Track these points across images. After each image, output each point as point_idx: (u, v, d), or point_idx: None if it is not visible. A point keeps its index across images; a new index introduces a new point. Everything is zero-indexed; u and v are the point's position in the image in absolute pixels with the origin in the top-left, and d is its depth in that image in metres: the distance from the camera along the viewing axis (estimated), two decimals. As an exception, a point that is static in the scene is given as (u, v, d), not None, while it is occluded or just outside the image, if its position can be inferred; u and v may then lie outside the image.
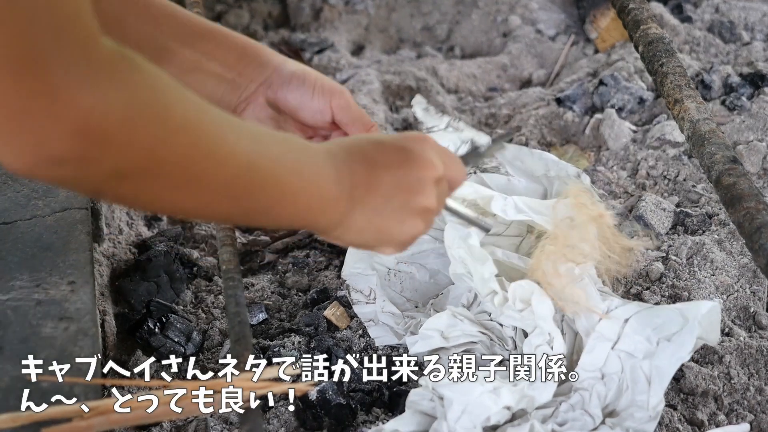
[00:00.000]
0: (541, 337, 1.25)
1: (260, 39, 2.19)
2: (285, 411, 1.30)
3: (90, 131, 0.76)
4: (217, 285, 1.54)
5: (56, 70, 0.74)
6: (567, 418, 1.21)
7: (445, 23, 2.23)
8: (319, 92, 1.21)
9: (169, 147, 0.81)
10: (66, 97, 0.74)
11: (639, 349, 1.23)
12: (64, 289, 1.25)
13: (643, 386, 1.22)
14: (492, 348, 1.31)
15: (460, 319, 1.30)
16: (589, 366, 1.24)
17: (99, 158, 0.77)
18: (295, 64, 1.23)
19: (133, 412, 1.03)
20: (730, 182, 1.26)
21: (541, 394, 1.20)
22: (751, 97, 1.84)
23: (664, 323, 1.23)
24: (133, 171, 0.80)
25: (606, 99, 1.85)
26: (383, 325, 1.39)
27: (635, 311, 1.25)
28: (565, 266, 1.27)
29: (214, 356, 1.42)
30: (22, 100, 0.74)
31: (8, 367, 1.14)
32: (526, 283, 1.26)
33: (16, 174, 0.78)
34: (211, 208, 0.90)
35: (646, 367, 1.22)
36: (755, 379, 1.35)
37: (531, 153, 1.49)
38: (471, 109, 1.95)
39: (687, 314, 1.23)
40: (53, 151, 0.76)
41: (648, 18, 1.58)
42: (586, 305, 1.25)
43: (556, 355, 1.23)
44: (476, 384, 1.17)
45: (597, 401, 1.22)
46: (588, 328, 1.26)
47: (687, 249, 1.53)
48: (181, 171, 0.83)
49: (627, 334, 1.24)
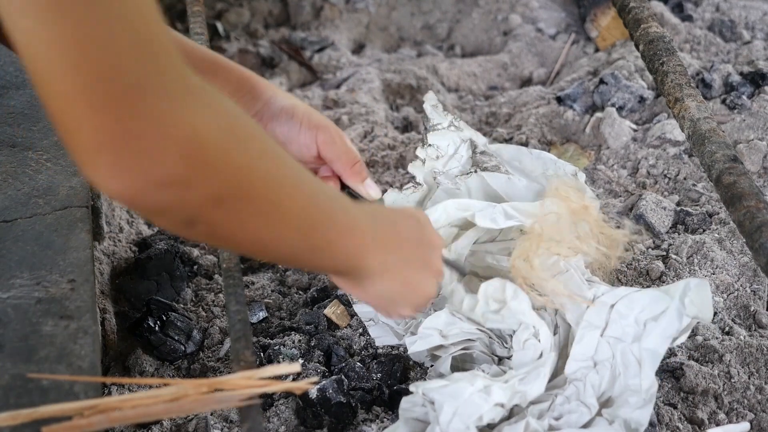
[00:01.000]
0: (526, 332, 1.25)
1: (261, 37, 2.19)
2: (285, 409, 1.30)
3: (193, 153, 0.78)
4: (217, 283, 1.54)
5: (159, 94, 0.76)
6: (563, 411, 1.21)
7: (446, 22, 2.23)
8: (305, 127, 1.24)
9: (256, 170, 0.85)
10: (171, 120, 0.76)
11: (627, 332, 1.23)
12: (65, 287, 1.25)
13: (635, 369, 1.22)
14: (491, 346, 1.31)
15: (459, 317, 1.30)
16: (580, 355, 1.23)
17: (200, 181, 0.80)
18: (286, 98, 1.25)
19: (134, 410, 1.03)
20: (731, 181, 1.26)
21: (532, 388, 1.20)
22: (752, 96, 1.84)
23: (650, 305, 1.23)
24: (229, 195, 0.83)
25: (606, 98, 1.85)
26: (383, 324, 1.39)
27: (622, 295, 1.25)
28: (544, 260, 1.27)
29: (214, 354, 1.42)
30: (128, 124, 0.75)
31: (8, 365, 1.14)
32: (495, 281, 1.26)
33: (119, 200, 0.79)
34: (283, 242, 0.93)
35: (636, 349, 1.22)
36: (755, 377, 1.35)
37: (529, 153, 1.49)
38: (471, 107, 1.95)
39: (672, 293, 1.23)
40: (162, 172, 0.77)
41: (648, 17, 1.58)
42: (569, 295, 1.25)
43: (544, 346, 1.23)
44: (466, 384, 1.17)
45: (591, 391, 1.22)
46: (578, 318, 1.26)
47: (687, 248, 1.53)
48: (267, 196, 0.87)
49: (614, 320, 1.24)
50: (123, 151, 0.76)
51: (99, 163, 0.76)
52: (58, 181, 1.42)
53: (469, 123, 1.89)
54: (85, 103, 0.74)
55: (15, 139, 1.49)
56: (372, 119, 1.88)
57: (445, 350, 1.31)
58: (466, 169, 1.45)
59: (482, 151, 1.47)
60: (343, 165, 1.25)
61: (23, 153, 1.47)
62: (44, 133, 1.50)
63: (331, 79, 2.04)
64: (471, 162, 1.46)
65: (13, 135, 1.50)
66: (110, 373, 1.38)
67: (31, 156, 1.46)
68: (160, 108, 0.76)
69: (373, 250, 1.05)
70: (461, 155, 1.48)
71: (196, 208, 0.82)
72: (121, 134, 0.75)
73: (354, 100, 1.93)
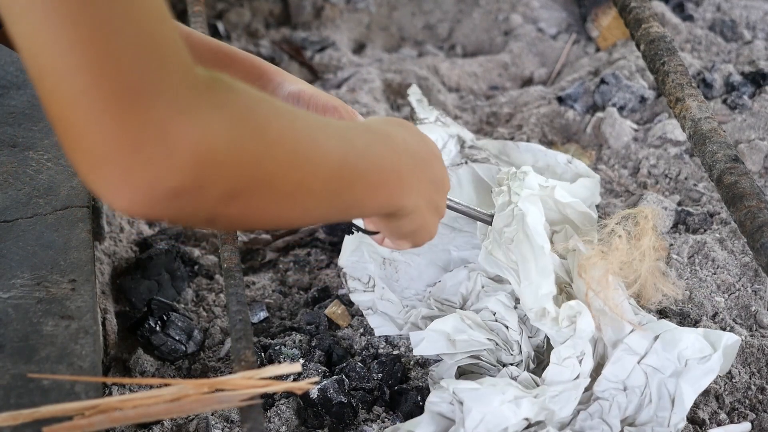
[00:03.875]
0: (571, 350, 1.23)
1: (261, 37, 2.19)
2: (286, 409, 1.30)
3: (203, 159, 0.75)
4: (218, 283, 1.54)
5: (163, 101, 0.73)
6: (584, 426, 1.20)
7: (447, 22, 2.23)
8: (313, 108, 1.23)
9: (272, 159, 0.81)
10: (176, 128, 0.73)
11: (667, 366, 1.22)
12: (65, 287, 1.25)
13: (666, 403, 1.21)
14: (498, 354, 1.30)
15: (468, 323, 1.29)
16: (613, 376, 1.23)
17: (212, 183, 0.77)
18: (295, 82, 1.24)
19: (135, 410, 1.03)
20: (732, 181, 1.26)
21: (562, 409, 1.20)
22: (753, 96, 1.84)
23: (694, 345, 1.23)
24: (243, 189, 0.80)
25: (607, 98, 1.85)
26: (382, 314, 1.39)
27: (666, 329, 1.25)
28: (613, 278, 1.26)
29: (215, 354, 1.42)
30: (132, 136, 0.72)
31: (9, 365, 1.14)
32: (575, 303, 1.25)
33: (130, 215, 0.77)
34: (313, 213, 0.91)
35: (672, 384, 1.22)
36: (756, 378, 1.35)
37: (516, 146, 1.49)
38: (472, 107, 1.95)
39: (714, 343, 1.24)
40: (171, 183, 0.74)
41: (649, 16, 1.58)
42: (621, 317, 1.25)
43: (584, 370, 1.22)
44: (497, 392, 1.16)
45: (617, 411, 1.21)
46: (615, 340, 1.25)
47: (688, 248, 1.53)
48: (286, 180, 0.84)
49: (656, 350, 1.23)
50: (129, 162, 0.73)
51: (104, 176, 0.73)
52: (58, 181, 1.42)
53: (470, 123, 1.89)
54: (88, 108, 0.72)
55: (16, 139, 1.49)
56: (373, 119, 1.87)
57: (451, 356, 1.30)
58: (456, 161, 1.45)
59: (471, 146, 1.47)
60: None
61: (24, 153, 1.47)
62: (45, 132, 1.50)
63: (332, 79, 2.04)
64: (460, 156, 1.46)
65: (13, 135, 1.50)
66: (111, 373, 1.38)
67: (32, 156, 1.46)
68: (166, 114, 0.73)
69: (403, 196, 1.04)
70: (450, 149, 1.48)
71: (211, 208, 0.79)
72: (127, 144, 0.72)
73: (355, 99, 1.93)
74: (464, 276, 1.38)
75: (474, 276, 1.37)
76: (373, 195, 0.98)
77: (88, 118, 0.72)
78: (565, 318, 1.25)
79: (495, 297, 1.33)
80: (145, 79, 0.72)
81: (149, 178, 0.73)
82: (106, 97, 0.71)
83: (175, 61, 0.74)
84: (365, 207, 1.00)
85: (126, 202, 0.75)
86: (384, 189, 0.99)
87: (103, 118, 0.72)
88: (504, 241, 1.31)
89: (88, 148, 0.73)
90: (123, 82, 0.72)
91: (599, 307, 1.25)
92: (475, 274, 1.38)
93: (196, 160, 0.74)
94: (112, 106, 0.72)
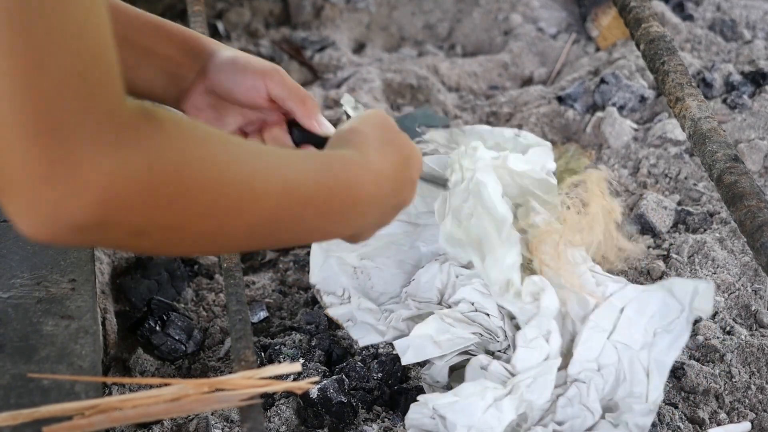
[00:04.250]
0: (536, 330, 1.21)
1: (261, 37, 2.19)
2: (286, 409, 1.30)
3: (111, 199, 0.74)
4: (218, 283, 1.54)
5: (81, 138, 0.72)
6: (566, 415, 1.20)
7: (447, 21, 2.23)
8: (251, 72, 1.21)
9: (191, 206, 0.80)
10: (88, 167, 0.72)
11: (636, 340, 1.21)
12: (65, 287, 1.25)
13: (641, 378, 1.21)
14: (486, 346, 1.30)
15: (449, 322, 1.28)
16: (585, 357, 1.22)
17: (116, 224, 0.76)
18: (230, 51, 1.23)
19: (134, 410, 1.03)
20: (732, 180, 1.26)
21: (539, 397, 1.19)
22: (753, 96, 1.84)
23: (661, 310, 1.21)
24: (154, 228, 0.79)
25: (607, 97, 1.85)
26: (362, 323, 1.37)
27: (631, 298, 1.23)
28: (567, 250, 1.25)
29: (215, 354, 1.42)
30: (43, 168, 0.72)
31: (9, 365, 1.14)
32: (539, 279, 1.23)
33: (35, 241, 0.77)
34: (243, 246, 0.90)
35: (644, 358, 1.21)
36: (756, 377, 1.35)
37: (462, 131, 1.48)
38: (472, 107, 1.95)
39: (681, 297, 1.21)
40: (73, 219, 0.74)
41: (649, 16, 1.58)
42: (581, 291, 1.24)
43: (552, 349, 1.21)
44: (476, 399, 1.16)
45: (596, 394, 1.20)
46: (582, 315, 1.24)
47: (688, 247, 1.53)
48: (202, 224, 0.82)
49: (623, 325, 1.22)
50: (36, 194, 0.73)
51: (12, 201, 0.74)
52: (58, 181, 1.42)
53: (470, 122, 1.89)
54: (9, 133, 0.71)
55: (15, 138, 1.49)
56: (373, 119, 1.87)
57: (440, 358, 1.30)
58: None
59: (418, 141, 1.46)
60: (295, 102, 1.22)
61: (24, 153, 1.46)
62: (45, 132, 1.49)
63: (332, 79, 2.04)
64: None
65: (13, 135, 1.50)
66: (111, 372, 1.38)
67: (32, 156, 1.46)
68: (82, 151, 0.72)
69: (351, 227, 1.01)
70: None
71: (117, 242, 0.80)
72: (38, 175, 0.72)
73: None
74: (436, 269, 1.37)
75: (446, 268, 1.36)
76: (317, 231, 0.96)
77: (8, 143, 0.71)
78: (528, 294, 1.23)
79: (470, 286, 1.31)
80: (69, 113, 0.71)
81: (53, 212, 0.73)
82: (27, 126, 0.71)
83: (102, 98, 0.73)
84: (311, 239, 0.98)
85: (31, 229, 0.75)
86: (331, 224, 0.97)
87: (20, 146, 0.71)
88: (464, 217, 1.29)
89: (2, 169, 0.73)
90: (47, 113, 0.71)
91: (559, 283, 1.24)
92: (447, 266, 1.36)
93: (101, 201, 0.74)
94: (32, 136, 0.71)
